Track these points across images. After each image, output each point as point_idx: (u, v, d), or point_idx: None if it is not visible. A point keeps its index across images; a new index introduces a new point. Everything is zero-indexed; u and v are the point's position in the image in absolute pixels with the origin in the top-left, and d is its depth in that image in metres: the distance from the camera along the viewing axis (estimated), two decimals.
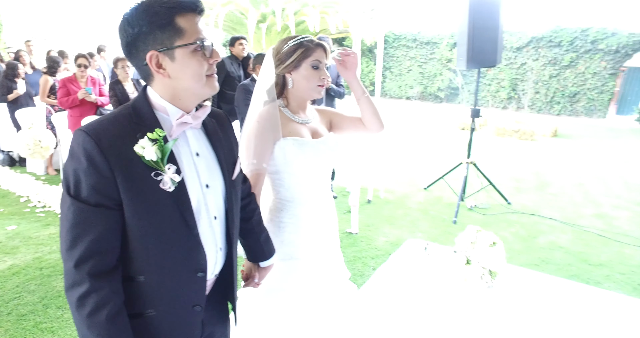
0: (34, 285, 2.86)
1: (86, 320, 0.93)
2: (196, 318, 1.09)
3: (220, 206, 1.11)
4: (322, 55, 1.50)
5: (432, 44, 16.14)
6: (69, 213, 0.92)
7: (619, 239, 3.87)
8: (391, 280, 1.59)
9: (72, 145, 0.94)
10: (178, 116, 1.01)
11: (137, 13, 0.95)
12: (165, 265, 1.01)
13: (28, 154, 4.49)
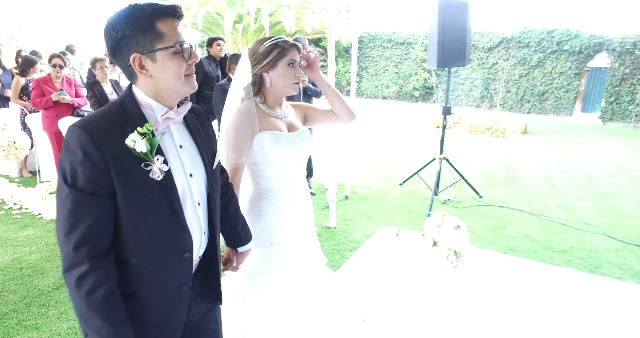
0: (15, 285, 2.87)
1: (85, 298, 1.01)
2: (184, 296, 1.18)
3: (203, 193, 1.21)
4: (296, 54, 1.61)
5: (407, 45, 16.46)
6: (67, 201, 1.01)
7: (580, 227, 4.13)
8: (365, 263, 1.72)
9: (67, 140, 1.02)
10: (162, 112, 1.11)
11: (120, 18, 1.05)
12: (154, 247, 1.11)
13: (2, 155, 4.42)
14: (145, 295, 1.12)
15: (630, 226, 4.20)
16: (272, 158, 1.62)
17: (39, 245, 3.49)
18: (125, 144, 1.03)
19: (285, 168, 1.66)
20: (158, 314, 1.16)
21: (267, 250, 1.69)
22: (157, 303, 1.14)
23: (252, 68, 1.63)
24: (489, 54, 14.83)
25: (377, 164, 6.35)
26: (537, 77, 14.18)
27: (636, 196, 5.17)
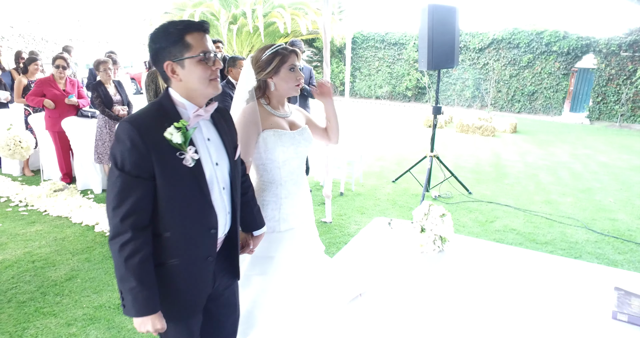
0: (29, 276, 3.02)
1: (124, 262, 1.22)
2: (209, 267, 1.39)
3: (227, 179, 1.42)
4: (296, 59, 1.80)
5: (400, 45, 16.69)
6: (117, 182, 1.22)
7: (563, 221, 4.37)
8: (360, 249, 1.91)
9: (118, 132, 1.23)
10: (194, 110, 1.31)
11: (158, 33, 1.27)
12: (186, 223, 1.31)
13: (8, 154, 4.55)
14: (177, 265, 1.33)
15: (609, 219, 4.44)
16: (275, 153, 1.81)
17: (47, 239, 3.64)
18: (164, 136, 1.22)
19: (286, 162, 1.84)
20: (188, 281, 1.36)
21: (270, 236, 1.88)
22: (187, 272, 1.35)
23: (257, 75, 1.81)
24: (480, 54, 15.10)
25: (371, 163, 6.55)
26: (526, 77, 14.48)
27: (617, 192, 5.42)
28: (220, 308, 1.55)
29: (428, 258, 1.83)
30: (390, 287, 1.60)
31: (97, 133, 4.65)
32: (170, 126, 1.23)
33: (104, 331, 2.44)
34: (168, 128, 1.23)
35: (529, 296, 1.55)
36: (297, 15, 14.85)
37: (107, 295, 2.80)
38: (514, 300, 1.53)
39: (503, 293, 1.58)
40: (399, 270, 1.73)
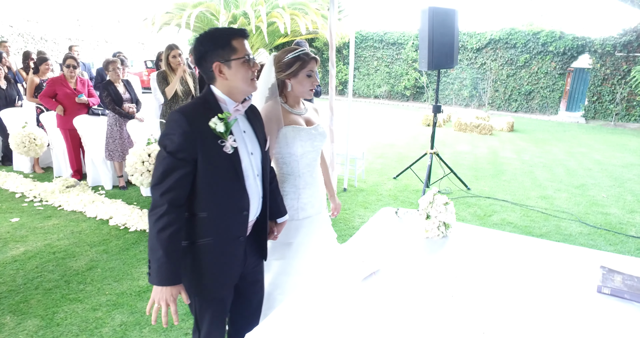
0: (52, 266, 3.18)
1: (157, 233, 1.38)
2: (240, 247, 1.55)
3: (260, 167, 1.59)
4: (315, 66, 1.96)
5: (398, 45, 16.87)
6: (163, 162, 1.39)
7: (557, 215, 4.55)
8: (370, 236, 2.08)
9: (169, 119, 1.41)
10: (234, 105, 1.49)
11: (206, 37, 1.45)
12: (221, 204, 1.48)
13: (23, 151, 4.70)
14: (211, 243, 1.49)
15: (601, 213, 4.64)
16: (294, 147, 1.97)
17: (65, 232, 3.79)
18: (209, 126, 1.40)
19: (304, 155, 2.01)
20: (221, 259, 1.53)
21: (289, 224, 2.04)
22: (220, 250, 1.51)
23: (277, 74, 1.97)
24: (478, 54, 15.31)
25: (372, 160, 6.73)
26: (523, 77, 14.70)
27: (609, 188, 5.62)
28: (249, 286, 1.73)
29: (433, 243, 2.00)
30: (399, 268, 1.77)
31: (108, 131, 4.80)
32: (214, 117, 1.41)
33: (127, 315, 2.60)
34: (212, 119, 1.41)
35: (523, 274, 1.73)
36: (297, 15, 14.99)
37: (127, 284, 2.97)
38: (511, 278, 1.71)
39: (501, 272, 1.75)
40: (407, 253, 1.90)
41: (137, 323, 2.51)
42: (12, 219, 4.03)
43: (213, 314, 1.61)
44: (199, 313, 1.62)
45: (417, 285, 1.63)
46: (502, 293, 1.59)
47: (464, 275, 1.71)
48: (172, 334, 2.42)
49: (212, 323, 1.62)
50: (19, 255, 3.34)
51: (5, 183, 5.10)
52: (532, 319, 1.43)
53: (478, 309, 1.48)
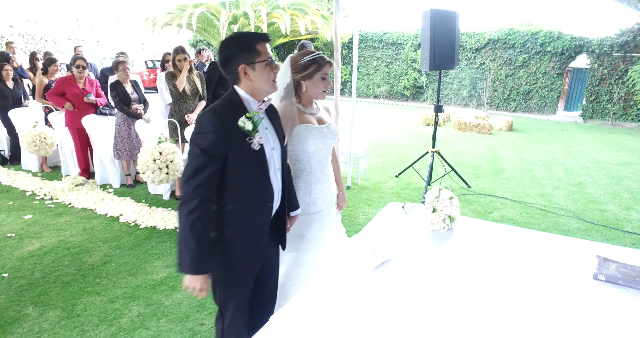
0: (67, 261, 3.28)
1: (190, 225, 1.48)
2: (264, 236, 1.67)
3: (280, 162, 1.70)
4: (329, 69, 2.07)
5: (398, 45, 16.99)
6: (197, 159, 1.49)
7: (556, 212, 4.67)
8: (378, 229, 2.18)
9: (200, 119, 1.51)
10: (257, 104, 1.60)
11: (231, 41, 1.56)
12: (248, 196, 1.60)
13: (34, 150, 4.80)
14: (238, 234, 1.60)
15: (599, 210, 4.76)
16: (306, 144, 2.08)
17: (77, 229, 3.89)
18: (237, 124, 1.51)
19: (316, 152, 2.12)
20: (247, 247, 1.64)
21: (301, 218, 2.15)
22: (246, 239, 1.63)
23: (292, 75, 2.08)
24: (477, 54, 15.44)
25: (374, 159, 6.84)
26: (522, 77, 14.82)
27: (607, 186, 5.74)
28: (266, 275, 1.84)
29: (439, 235, 2.11)
30: (408, 258, 1.88)
31: (116, 130, 4.90)
32: (241, 117, 1.52)
33: (144, 307, 2.70)
34: (240, 118, 1.52)
35: (524, 263, 1.84)
36: (297, 15, 15.10)
37: (141, 277, 3.07)
38: (513, 267, 1.82)
39: (503, 262, 1.86)
40: (414, 244, 2.02)
41: (154, 314, 2.62)
42: (26, 216, 4.13)
43: (237, 301, 1.71)
44: (224, 300, 1.73)
45: (425, 273, 1.74)
46: (505, 280, 1.70)
47: (469, 264, 1.82)
48: (189, 324, 2.53)
49: (236, 309, 1.73)
50: (35, 250, 3.44)
51: (15, 181, 5.20)
52: (533, 304, 1.54)
53: (483, 295, 1.59)
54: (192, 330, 2.48)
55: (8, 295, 2.79)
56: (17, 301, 2.73)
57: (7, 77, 5.82)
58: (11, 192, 4.89)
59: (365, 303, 1.51)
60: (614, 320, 1.44)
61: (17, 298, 2.76)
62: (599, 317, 1.47)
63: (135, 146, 4.91)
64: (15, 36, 19.66)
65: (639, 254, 1.98)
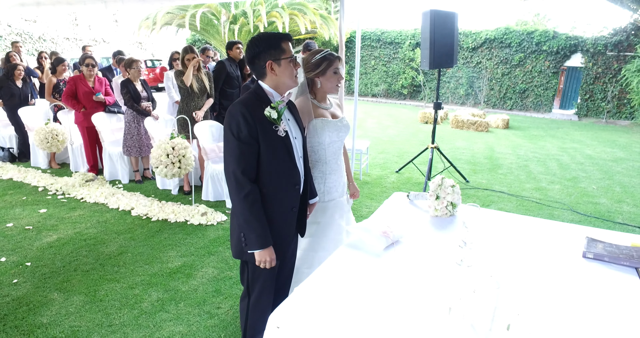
0: (85, 251, 3.44)
1: (249, 208, 1.67)
2: (294, 216, 1.85)
3: (301, 150, 1.88)
4: (339, 64, 2.23)
5: (395, 44, 17.16)
6: (235, 148, 1.66)
7: (551, 204, 4.86)
8: (386, 215, 2.35)
9: (231, 111, 1.68)
10: (280, 97, 1.77)
11: (259, 39, 1.72)
12: (278, 180, 1.77)
13: (46, 147, 4.93)
14: (270, 214, 1.77)
15: (591, 203, 4.95)
16: (322, 137, 2.24)
17: (92, 222, 4.04)
18: (264, 114, 1.68)
19: (331, 144, 2.28)
20: (279, 228, 1.80)
21: (316, 205, 2.32)
22: (277, 220, 1.80)
23: (306, 74, 2.24)
24: (473, 53, 15.63)
25: (374, 155, 7.01)
26: (518, 75, 15.03)
27: (599, 180, 5.94)
28: (286, 257, 2.00)
29: (441, 220, 2.28)
30: (414, 240, 2.05)
31: (126, 128, 5.05)
32: (266, 107, 1.69)
33: (162, 293, 2.86)
34: (266, 108, 1.69)
35: (520, 244, 2.02)
36: (296, 15, 15.25)
37: (157, 266, 3.23)
38: (510, 247, 1.99)
39: (501, 243, 2.04)
40: (420, 228, 2.19)
41: (173, 299, 2.78)
42: (40, 210, 4.27)
43: (264, 280, 1.88)
44: (252, 279, 1.89)
45: (430, 254, 1.91)
46: (502, 259, 1.88)
47: (470, 245, 1.99)
48: (206, 308, 2.69)
49: (262, 288, 1.89)
50: (53, 241, 3.59)
51: (26, 177, 5.33)
52: (528, 279, 1.71)
53: (482, 272, 1.76)
54: (210, 313, 2.63)
55: (33, 282, 2.94)
56: (42, 287, 2.88)
57: (18, 77, 5.96)
58: (23, 188, 5.03)
59: (377, 279, 1.68)
60: (601, 292, 1.62)
61: (41, 284, 2.91)
62: (587, 289, 1.64)
63: (144, 143, 5.06)
64: (14, 35, 19.69)
65: (624, 236, 2.17)
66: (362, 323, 1.37)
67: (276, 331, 1.37)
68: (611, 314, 1.47)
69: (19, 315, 2.57)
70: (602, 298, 1.58)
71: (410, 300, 1.52)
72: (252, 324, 1.99)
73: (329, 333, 1.33)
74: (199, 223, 4.01)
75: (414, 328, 1.36)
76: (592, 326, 1.40)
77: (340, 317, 1.41)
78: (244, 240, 1.73)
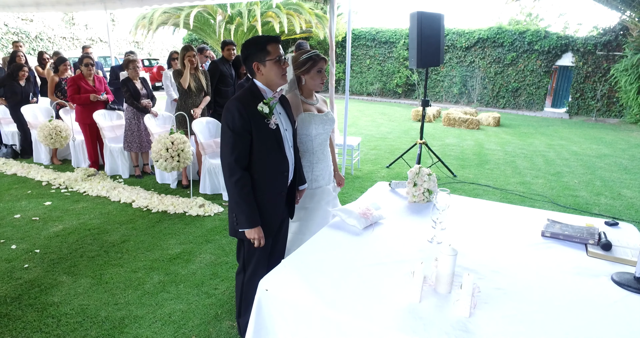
0: (90, 240, 3.64)
1: (240, 192, 1.89)
2: (282, 200, 2.06)
3: (292, 141, 2.09)
4: (324, 64, 2.44)
5: (390, 44, 17.39)
6: (230, 139, 1.88)
7: (533, 197, 5.10)
8: (367, 201, 2.58)
9: (228, 106, 1.89)
10: (272, 93, 1.98)
11: (248, 42, 1.94)
12: (268, 167, 1.98)
13: (50, 143, 5.13)
14: (261, 197, 1.99)
15: (572, 196, 5.20)
16: (309, 129, 2.46)
17: (95, 213, 4.25)
18: (257, 108, 1.90)
19: (317, 136, 2.50)
20: (267, 210, 2.02)
21: (304, 192, 2.53)
22: (267, 203, 2.01)
23: (294, 70, 2.46)
24: (467, 53, 15.88)
25: (366, 152, 7.24)
26: (510, 74, 15.29)
27: (582, 175, 6.19)
28: (278, 237, 2.22)
29: (419, 206, 2.51)
30: (392, 222, 2.28)
31: (127, 124, 5.25)
32: (259, 103, 1.90)
33: (163, 276, 3.08)
34: (259, 103, 1.91)
35: (489, 225, 2.25)
36: (292, 15, 15.45)
37: (158, 253, 3.44)
38: (479, 228, 2.22)
39: (470, 224, 2.26)
40: (398, 212, 2.41)
41: (173, 281, 2.99)
42: (46, 203, 4.47)
43: (258, 256, 2.10)
44: (247, 256, 2.11)
45: (405, 233, 2.13)
46: (469, 237, 2.10)
47: (443, 226, 2.22)
48: (204, 289, 2.90)
49: (257, 264, 2.11)
50: (59, 231, 3.80)
51: (29, 173, 5.53)
52: (493, 254, 1.94)
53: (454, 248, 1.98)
54: (207, 293, 2.85)
55: (43, 267, 3.15)
56: (52, 271, 3.09)
57: (22, 77, 6.16)
58: (27, 182, 5.22)
59: (355, 253, 1.90)
60: (552, 264, 1.85)
61: (51, 269, 3.12)
62: (541, 261, 1.87)
63: (144, 139, 5.27)
64: (10, 35, 19.78)
65: (581, 218, 2.40)
66: (340, 287, 1.60)
67: (265, 293, 1.59)
68: (558, 281, 1.70)
69: (32, 295, 2.78)
70: (554, 268, 1.81)
71: (384, 269, 1.75)
72: (247, 297, 2.21)
73: (310, 294, 1.55)
74: (197, 214, 4.22)
75: (385, 290, 1.58)
76: (540, 289, 1.63)
77: (321, 282, 1.63)
78: (235, 219, 1.95)
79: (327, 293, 1.55)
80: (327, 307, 1.48)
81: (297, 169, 2.27)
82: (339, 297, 1.53)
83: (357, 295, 1.54)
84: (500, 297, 1.56)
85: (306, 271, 1.71)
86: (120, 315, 2.58)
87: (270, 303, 1.58)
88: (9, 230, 3.80)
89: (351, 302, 1.50)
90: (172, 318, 2.56)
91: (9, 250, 3.42)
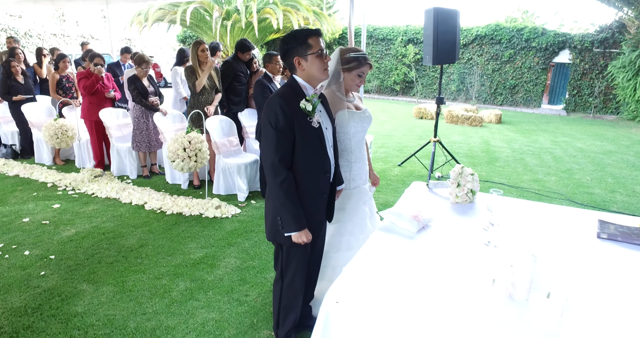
0: (106, 245, 3.50)
1: (285, 192, 1.78)
2: (324, 202, 1.96)
3: (332, 140, 2.00)
4: (367, 70, 2.33)
5: (387, 41, 17.31)
6: (273, 138, 1.77)
7: (549, 195, 5.06)
8: (409, 203, 2.48)
9: (270, 103, 1.79)
10: (312, 90, 1.88)
11: (289, 37, 1.84)
12: (311, 168, 1.88)
13: (56, 142, 4.94)
14: (303, 200, 1.88)
15: (587, 193, 5.17)
16: (347, 127, 2.36)
17: (107, 216, 4.10)
18: (299, 106, 1.79)
19: (355, 134, 2.40)
20: (311, 212, 1.92)
21: (343, 192, 2.44)
22: (309, 205, 1.91)
23: (337, 65, 2.34)
24: (465, 50, 15.86)
25: (375, 150, 7.15)
26: (508, 71, 15.32)
27: (593, 172, 6.18)
28: (317, 241, 2.11)
29: (462, 206, 2.43)
30: (441, 224, 2.19)
31: (135, 123, 5.08)
32: (301, 100, 1.81)
33: (189, 282, 2.95)
34: (301, 100, 1.81)
35: (538, 227, 2.17)
36: (290, 11, 15.27)
37: (180, 257, 3.31)
38: (528, 230, 2.14)
39: (522, 225, 2.18)
40: (443, 214, 2.32)
41: (201, 288, 2.87)
42: (54, 205, 4.31)
43: (297, 263, 1.99)
44: (285, 263, 2.00)
45: (458, 236, 2.05)
46: (525, 240, 2.02)
47: (490, 227, 2.14)
48: (234, 295, 2.79)
49: (296, 270, 2.00)
50: (72, 235, 3.65)
51: (32, 174, 5.34)
52: (549, 257, 1.86)
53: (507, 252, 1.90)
54: (239, 300, 2.74)
55: (60, 274, 3.01)
56: (70, 279, 2.95)
57: (16, 73, 5.92)
58: (31, 184, 5.04)
59: (415, 258, 1.81)
60: (616, 270, 1.77)
61: (69, 276, 2.98)
62: (609, 265, 1.79)
63: (153, 138, 5.11)
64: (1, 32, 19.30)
65: (631, 219, 2.34)
66: (410, 297, 1.50)
67: (334, 306, 1.49)
68: (627, 287, 1.63)
69: (53, 305, 2.64)
70: (623, 271, 1.74)
71: (449, 276, 1.66)
72: (286, 305, 2.11)
73: (382, 306, 1.45)
74: (213, 216, 4.09)
75: (458, 300, 1.49)
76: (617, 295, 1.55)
77: (389, 292, 1.53)
78: (280, 223, 1.84)
79: (404, 305, 1.45)
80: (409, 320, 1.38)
81: (336, 169, 2.17)
82: (416, 309, 1.43)
83: (435, 307, 1.45)
84: (580, 304, 1.48)
85: (371, 281, 1.61)
86: (151, 326, 2.45)
87: (341, 317, 1.48)
88: (19, 235, 3.64)
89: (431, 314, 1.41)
90: (206, 328, 2.44)
91: (23, 256, 3.26)
